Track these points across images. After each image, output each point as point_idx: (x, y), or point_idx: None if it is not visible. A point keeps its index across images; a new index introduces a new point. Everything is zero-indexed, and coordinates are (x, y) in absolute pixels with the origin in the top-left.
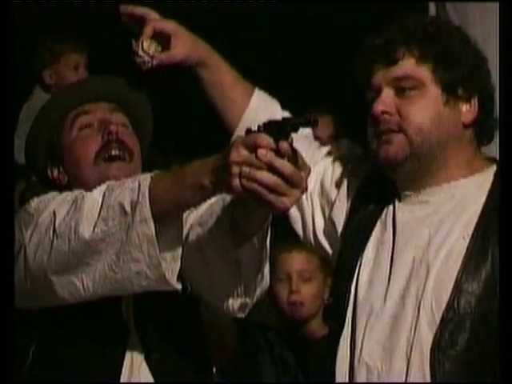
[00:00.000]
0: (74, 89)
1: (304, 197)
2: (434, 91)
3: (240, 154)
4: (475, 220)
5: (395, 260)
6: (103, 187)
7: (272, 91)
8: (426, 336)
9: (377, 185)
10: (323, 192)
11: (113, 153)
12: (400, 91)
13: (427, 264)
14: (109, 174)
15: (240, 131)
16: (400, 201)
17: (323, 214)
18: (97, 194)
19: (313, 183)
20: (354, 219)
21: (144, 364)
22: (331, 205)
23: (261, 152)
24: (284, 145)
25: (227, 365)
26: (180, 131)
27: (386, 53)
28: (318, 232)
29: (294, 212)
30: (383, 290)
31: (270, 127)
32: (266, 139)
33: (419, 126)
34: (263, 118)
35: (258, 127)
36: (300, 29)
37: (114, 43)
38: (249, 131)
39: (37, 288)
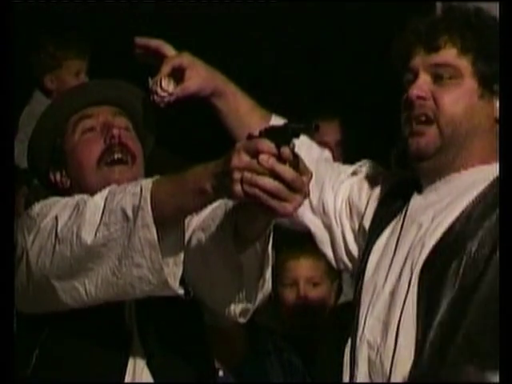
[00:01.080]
0: (76, 92)
1: (333, 218)
2: (470, 83)
3: (242, 159)
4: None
5: (400, 241)
6: (105, 192)
7: (279, 97)
8: (412, 309)
9: (401, 195)
10: (352, 208)
11: (115, 156)
12: (437, 79)
13: (423, 241)
14: (111, 178)
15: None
16: (419, 192)
17: (353, 231)
18: (99, 198)
19: (340, 202)
20: (376, 220)
21: (146, 369)
22: (361, 216)
23: (262, 157)
24: (285, 150)
25: (235, 369)
26: (184, 135)
27: (427, 39)
28: (350, 250)
29: (321, 234)
30: (386, 270)
31: (271, 133)
32: (267, 145)
33: (452, 116)
34: None
35: (260, 133)
36: (307, 32)
37: (116, 47)
38: (250, 137)
39: (39, 293)
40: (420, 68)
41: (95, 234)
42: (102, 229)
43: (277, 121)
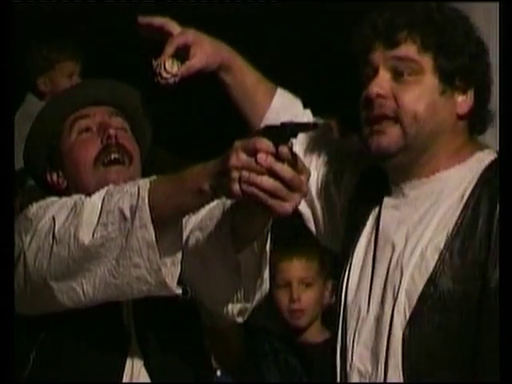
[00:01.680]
0: (72, 93)
1: (315, 193)
2: (431, 79)
3: (240, 158)
4: (452, 214)
5: (376, 261)
6: (102, 192)
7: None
8: (398, 337)
9: (375, 180)
10: (329, 189)
11: (112, 157)
12: (397, 75)
13: (401, 265)
14: (108, 178)
15: None
16: (389, 195)
17: (331, 210)
18: (96, 199)
19: (317, 180)
20: (350, 218)
21: (144, 370)
22: (335, 201)
23: (260, 156)
24: (284, 149)
25: (231, 369)
26: (183, 133)
27: (386, 34)
28: (331, 227)
29: (304, 210)
30: (367, 293)
31: (269, 132)
32: (265, 144)
33: (414, 115)
34: (285, 117)
35: (257, 132)
36: (307, 32)
37: (112, 46)
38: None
39: (37, 294)
40: (380, 63)
41: (93, 235)
42: (99, 229)
43: (282, 95)
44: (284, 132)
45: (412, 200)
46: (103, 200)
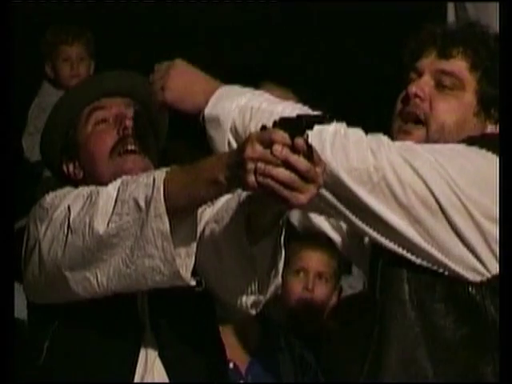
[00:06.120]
0: (89, 84)
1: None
2: (470, 98)
3: (255, 150)
4: None
5: None
6: (118, 182)
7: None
8: None
9: None
10: None
11: (128, 148)
12: (440, 85)
13: None
14: (124, 169)
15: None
16: None
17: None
18: (111, 189)
19: None
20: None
21: (158, 360)
22: None
23: (276, 148)
24: (299, 141)
25: (247, 363)
26: (199, 123)
27: (442, 44)
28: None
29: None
30: None
31: (285, 123)
32: (281, 135)
33: (442, 124)
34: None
35: (274, 123)
36: (308, 32)
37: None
38: (264, 127)
39: (51, 283)
40: (426, 70)
41: (107, 225)
42: (114, 219)
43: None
44: (300, 124)
45: None
46: (118, 190)
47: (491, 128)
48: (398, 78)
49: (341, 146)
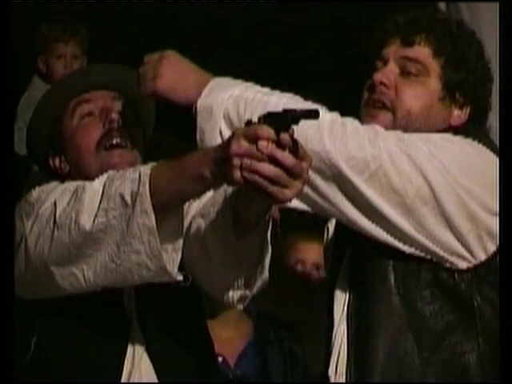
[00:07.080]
0: (74, 77)
1: None
2: (435, 84)
3: (241, 145)
4: None
5: None
6: (104, 178)
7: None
8: None
9: None
10: None
11: (114, 141)
12: (405, 73)
13: None
14: (110, 162)
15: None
16: None
17: None
18: (97, 184)
19: None
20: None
21: (145, 355)
22: None
23: (262, 144)
24: (285, 136)
25: (236, 357)
26: (186, 116)
27: (405, 32)
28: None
29: None
30: None
31: (270, 119)
32: (266, 131)
33: (408, 109)
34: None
35: (259, 119)
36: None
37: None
38: (249, 123)
39: (38, 279)
40: (391, 57)
41: (93, 220)
42: (100, 215)
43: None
44: (285, 119)
45: None
46: (104, 185)
47: (457, 112)
48: None
49: (339, 134)
